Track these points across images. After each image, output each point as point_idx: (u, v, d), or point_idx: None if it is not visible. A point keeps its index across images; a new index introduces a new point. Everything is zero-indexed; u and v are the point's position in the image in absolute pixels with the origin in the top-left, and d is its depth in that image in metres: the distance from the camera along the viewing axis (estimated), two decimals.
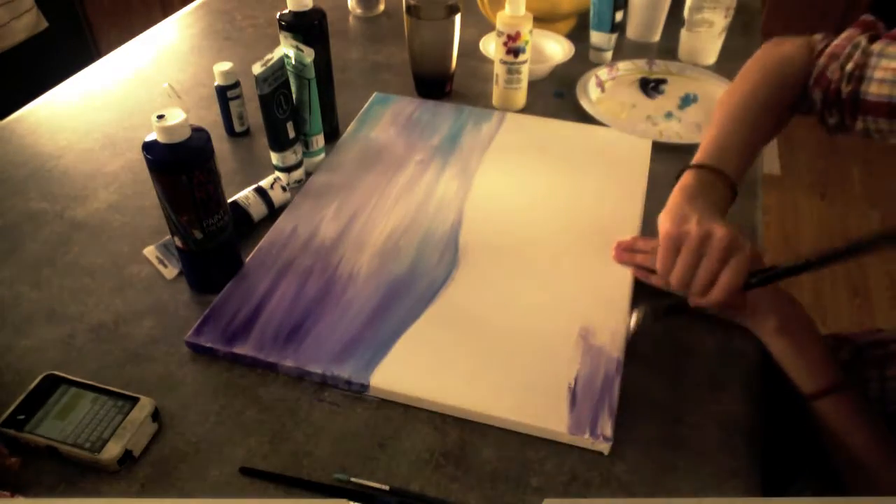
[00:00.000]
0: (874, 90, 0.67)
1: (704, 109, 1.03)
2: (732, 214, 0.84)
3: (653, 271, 0.70)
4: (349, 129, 0.98)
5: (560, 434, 0.60)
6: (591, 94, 1.05)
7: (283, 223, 0.81)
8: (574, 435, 0.59)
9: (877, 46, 0.68)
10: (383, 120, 0.99)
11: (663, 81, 1.09)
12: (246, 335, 0.68)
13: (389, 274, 0.74)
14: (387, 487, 0.56)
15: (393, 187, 0.87)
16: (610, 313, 0.70)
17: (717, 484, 0.58)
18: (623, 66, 1.11)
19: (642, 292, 0.72)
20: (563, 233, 0.80)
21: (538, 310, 0.70)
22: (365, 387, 0.63)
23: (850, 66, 0.69)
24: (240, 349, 0.67)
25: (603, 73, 1.09)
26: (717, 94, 1.04)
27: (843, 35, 0.72)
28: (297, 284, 0.73)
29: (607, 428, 0.59)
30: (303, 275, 0.74)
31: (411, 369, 0.64)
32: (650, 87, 1.08)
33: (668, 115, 1.02)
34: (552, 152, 0.93)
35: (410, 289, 0.73)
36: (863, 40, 0.70)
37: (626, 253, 0.74)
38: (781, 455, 0.67)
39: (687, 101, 1.05)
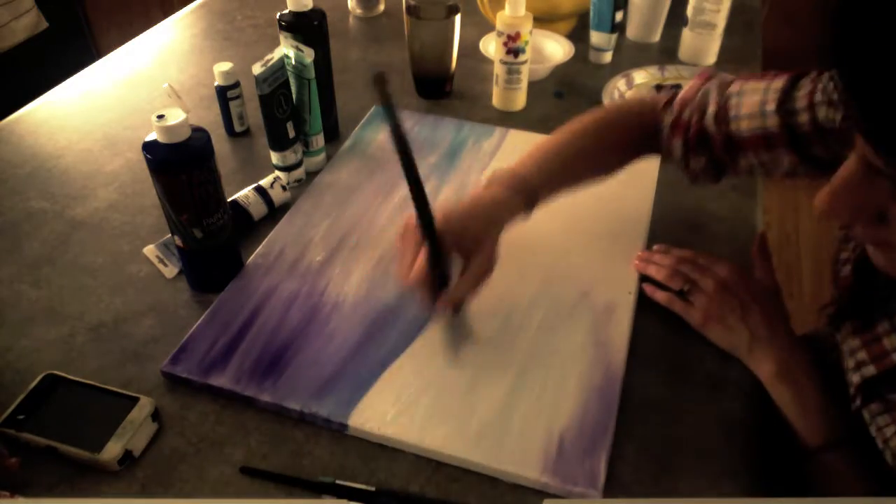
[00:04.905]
0: (745, 126, 0.68)
1: None
2: (733, 215, 0.84)
3: (661, 286, 0.71)
4: (345, 144, 0.95)
5: (551, 486, 0.56)
6: None
7: (269, 245, 0.78)
8: (564, 486, 0.56)
9: (734, 88, 0.70)
10: (382, 134, 0.97)
11: (678, 87, 1.08)
12: (224, 366, 0.65)
13: (377, 302, 0.71)
14: (373, 489, 0.56)
15: (386, 208, 0.84)
16: (610, 351, 0.66)
17: (717, 484, 0.58)
18: (637, 74, 1.09)
19: (640, 319, 0.72)
20: (564, 258, 0.76)
21: (535, 344, 0.67)
22: (344, 426, 0.60)
23: (711, 109, 0.70)
24: (216, 381, 0.63)
25: (622, 84, 1.07)
26: None
27: (688, 86, 0.74)
28: (281, 311, 0.70)
29: (599, 477, 0.56)
30: (287, 301, 0.71)
31: (393, 409, 0.61)
32: None
33: None
34: None
35: (397, 319, 0.69)
36: (713, 85, 0.72)
37: (641, 262, 0.74)
38: (781, 454, 0.67)
39: None
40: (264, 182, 0.84)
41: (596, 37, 1.15)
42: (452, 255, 0.64)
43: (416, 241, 0.64)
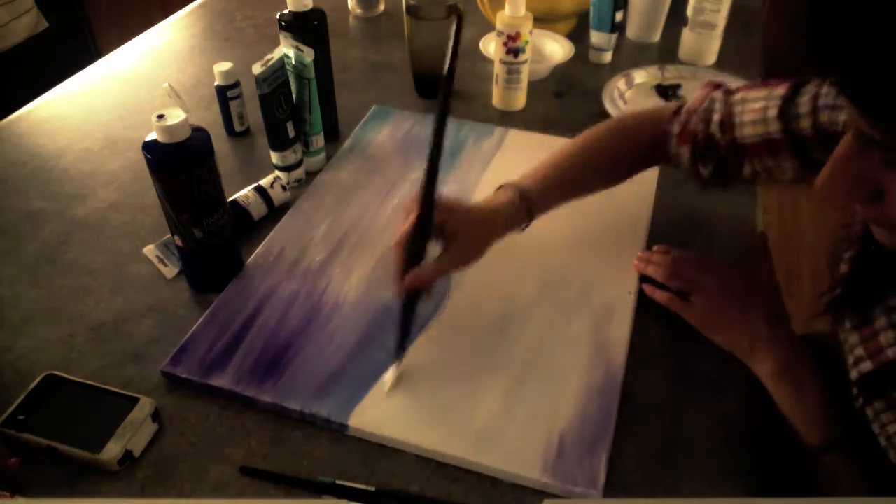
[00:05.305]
0: (749, 132, 0.70)
1: None
2: (733, 215, 0.84)
3: (661, 286, 0.71)
4: (345, 144, 0.95)
5: (551, 486, 0.56)
6: (616, 106, 1.02)
7: (269, 245, 0.78)
8: (564, 486, 0.56)
9: (738, 96, 0.72)
10: (381, 135, 0.97)
11: (678, 87, 1.08)
12: (224, 366, 0.65)
13: (377, 301, 0.71)
14: (373, 489, 0.56)
15: (386, 207, 0.84)
16: (610, 351, 0.66)
17: (717, 484, 0.58)
18: (637, 74, 1.09)
19: (640, 319, 0.72)
20: (565, 258, 0.76)
21: (535, 343, 0.67)
22: (344, 426, 0.60)
23: (717, 117, 0.72)
24: (216, 381, 0.63)
25: (622, 84, 1.07)
26: None
27: (694, 96, 0.76)
28: (281, 311, 0.70)
29: (599, 477, 0.56)
30: (287, 301, 0.71)
31: (393, 410, 0.61)
32: (668, 93, 1.07)
33: None
34: None
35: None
36: (718, 95, 0.74)
37: (641, 262, 0.74)
38: (781, 454, 0.67)
39: None
40: (264, 182, 0.84)
41: (596, 37, 1.14)
42: (437, 239, 0.66)
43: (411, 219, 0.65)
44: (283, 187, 0.84)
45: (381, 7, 1.34)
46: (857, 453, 0.59)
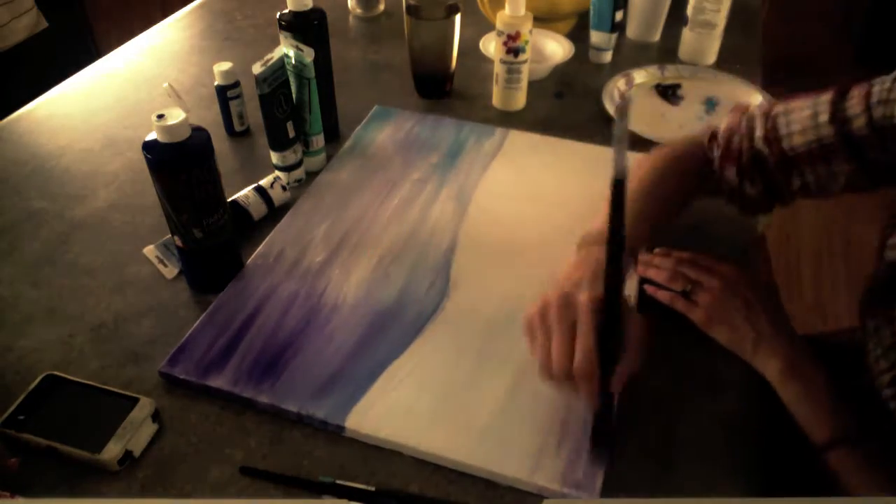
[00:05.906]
0: (799, 141, 0.68)
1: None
2: (733, 215, 0.84)
3: (663, 287, 0.71)
4: (346, 144, 0.95)
5: (550, 486, 0.56)
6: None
7: (269, 246, 0.78)
8: (563, 486, 0.56)
9: (779, 108, 0.71)
10: (382, 134, 0.97)
11: (678, 86, 1.08)
12: (222, 367, 0.65)
13: (376, 303, 0.71)
14: (372, 488, 0.56)
15: (386, 208, 0.84)
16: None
17: (717, 484, 0.58)
18: (637, 74, 1.09)
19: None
20: (565, 263, 0.74)
21: None
22: (341, 428, 0.60)
23: (759, 133, 0.71)
24: (214, 382, 0.63)
25: (622, 84, 1.07)
26: (735, 95, 1.03)
27: (728, 119, 0.75)
28: (280, 312, 0.70)
29: (599, 477, 0.57)
30: (287, 301, 0.71)
31: (391, 411, 0.61)
32: (668, 93, 1.07)
33: (700, 120, 1.00)
34: (556, 172, 0.88)
35: (397, 320, 0.69)
36: (756, 111, 0.73)
37: (642, 265, 0.74)
38: (781, 454, 0.67)
39: (711, 104, 1.04)
40: (264, 182, 0.84)
41: (596, 36, 1.14)
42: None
43: (566, 319, 0.58)
44: (283, 187, 0.84)
45: (381, 7, 1.34)
46: (865, 449, 0.59)
